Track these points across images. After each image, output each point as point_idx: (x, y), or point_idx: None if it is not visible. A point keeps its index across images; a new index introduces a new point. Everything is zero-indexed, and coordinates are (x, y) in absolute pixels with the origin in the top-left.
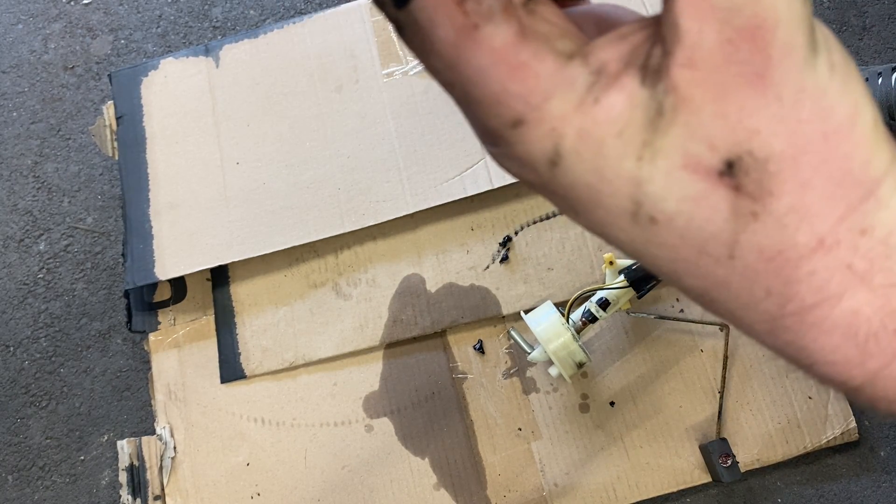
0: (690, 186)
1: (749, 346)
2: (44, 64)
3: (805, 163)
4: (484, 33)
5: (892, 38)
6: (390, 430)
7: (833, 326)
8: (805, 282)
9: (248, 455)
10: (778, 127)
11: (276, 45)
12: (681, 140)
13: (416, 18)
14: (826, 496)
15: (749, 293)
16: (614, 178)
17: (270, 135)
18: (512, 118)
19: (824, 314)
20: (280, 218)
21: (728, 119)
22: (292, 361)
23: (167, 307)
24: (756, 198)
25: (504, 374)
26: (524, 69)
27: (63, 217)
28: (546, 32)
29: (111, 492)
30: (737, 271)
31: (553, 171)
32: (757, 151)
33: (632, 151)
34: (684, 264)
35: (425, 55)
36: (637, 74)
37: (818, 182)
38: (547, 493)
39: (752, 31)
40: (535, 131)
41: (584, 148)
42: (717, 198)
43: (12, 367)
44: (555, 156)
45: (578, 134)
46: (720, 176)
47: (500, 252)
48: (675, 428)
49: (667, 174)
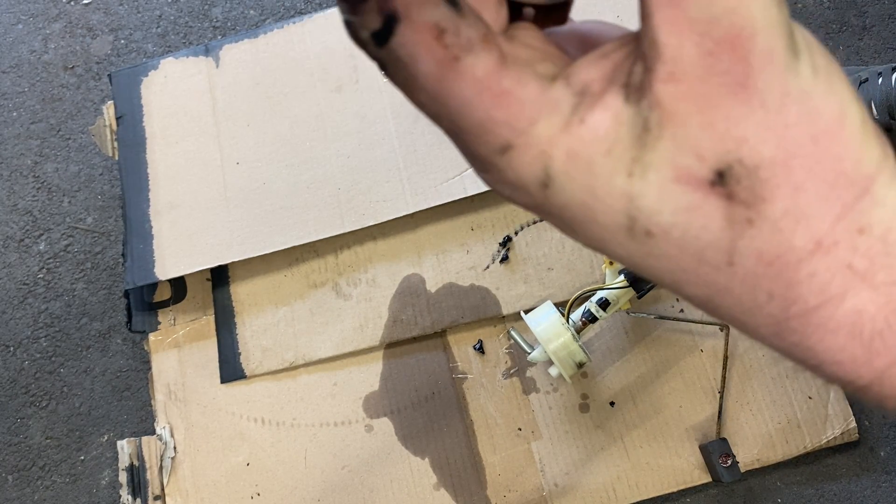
0: (683, 198)
1: (749, 346)
2: (44, 64)
3: (796, 166)
4: (465, 64)
5: (892, 38)
6: (390, 430)
7: (838, 326)
8: (806, 284)
9: (248, 455)
10: (765, 133)
11: (276, 45)
12: (669, 153)
13: (398, 55)
14: (826, 496)
15: (751, 298)
16: (607, 196)
17: (270, 135)
18: (499, 144)
19: (828, 315)
20: (280, 218)
21: (715, 129)
22: (292, 361)
23: (167, 307)
24: (750, 204)
25: (504, 374)
26: (507, 96)
27: (63, 217)
28: (527, 57)
29: (111, 492)
30: (737, 277)
31: (545, 192)
32: (746, 159)
33: (622, 168)
34: (684, 274)
35: (410, 90)
36: (620, 92)
37: (811, 184)
38: (547, 493)
39: (732, 41)
40: (523, 156)
41: (573, 168)
42: (710, 207)
43: (12, 367)
44: (546, 178)
45: (567, 155)
46: (712, 186)
47: (500, 252)
48: (675, 428)
49: (659, 188)
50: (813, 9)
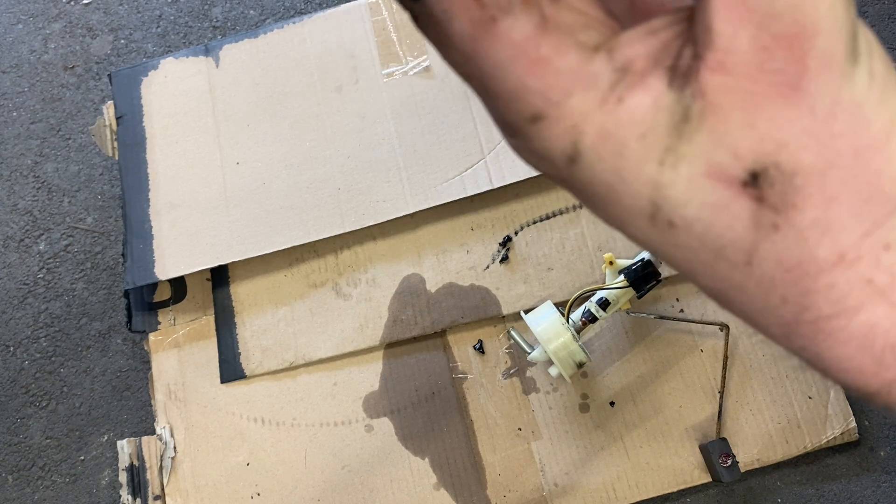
0: (712, 194)
1: (749, 346)
2: (44, 64)
3: (833, 178)
4: (502, 27)
5: (892, 38)
6: (390, 430)
7: (849, 338)
8: (823, 294)
9: (248, 455)
10: (808, 141)
11: (276, 45)
12: (706, 147)
13: (432, 11)
14: (826, 496)
15: (765, 299)
16: (634, 181)
17: (270, 135)
18: (531, 114)
19: (841, 325)
20: (280, 218)
21: (757, 129)
22: (292, 361)
23: (167, 307)
24: (779, 210)
25: (504, 374)
26: (544, 64)
27: (63, 217)
28: (570, 23)
29: (111, 492)
30: (754, 278)
31: (571, 167)
32: (784, 164)
33: (654, 155)
34: (701, 266)
35: (442, 47)
36: (665, 75)
37: (845, 197)
38: (547, 493)
39: (790, 39)
40: (554, 128)
41: (604, 148)
42: (738, 207)
43: (12, 367)
44: (574, 153)
45: (599, 133)
46: (744, 186)
47: (500, 252)
48: (675, 428)
49: (689, 181)
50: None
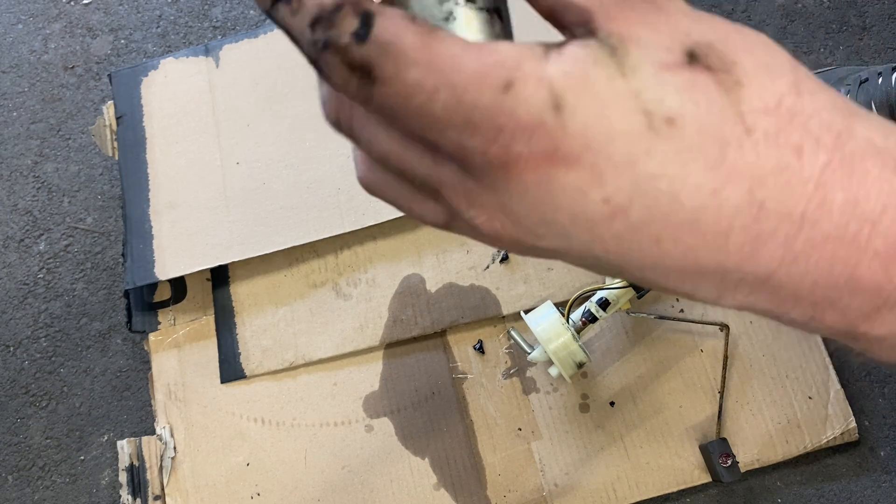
0: (677, 78)
1: (749, 346)
2: (44, 64)
3: (737, 38)
4: (442, 31)
5: (892, 38)
6: (390, 430)
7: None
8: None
9: (248, 455)
10: (697, 24)
11: (276, 45)
12: (644, 55)
13: (383, 39)
14: (826, 496)
15: (777, 158)
16: (614, 99)
17: (270, 135)
18: (501, 83)
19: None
20: (280, 218)
21: (663, 31)
22: (292, 361)
23: (167, 307)
24: (728, 69)
25: (504, 374)
26: (489, 47)
27: (63, 217)
28: None
29: (111, 492)
30: (760, 144)
31: (561, 116)
32: (699, 41)
33: (615, 72)
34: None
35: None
36: (576, 42)
37: (756, 49)
38: (547, 493)
39: None
40: (527, 86)
41: (574, 83)
42: (703, 81)
43: (12, 367)
44: (555, 99)
45: (564, 75)
46: (691, 65)
47: (500, 252)
48: (675, 428)
49: (654, 77)
50: (813, 9)
